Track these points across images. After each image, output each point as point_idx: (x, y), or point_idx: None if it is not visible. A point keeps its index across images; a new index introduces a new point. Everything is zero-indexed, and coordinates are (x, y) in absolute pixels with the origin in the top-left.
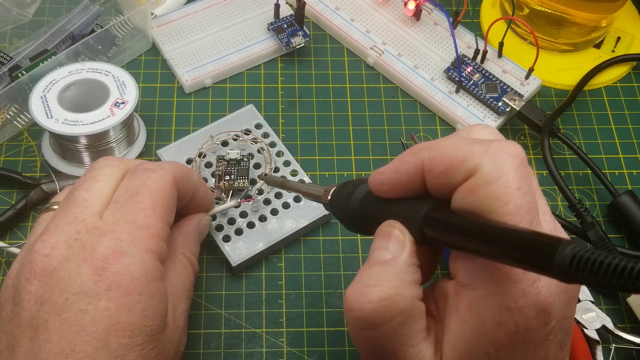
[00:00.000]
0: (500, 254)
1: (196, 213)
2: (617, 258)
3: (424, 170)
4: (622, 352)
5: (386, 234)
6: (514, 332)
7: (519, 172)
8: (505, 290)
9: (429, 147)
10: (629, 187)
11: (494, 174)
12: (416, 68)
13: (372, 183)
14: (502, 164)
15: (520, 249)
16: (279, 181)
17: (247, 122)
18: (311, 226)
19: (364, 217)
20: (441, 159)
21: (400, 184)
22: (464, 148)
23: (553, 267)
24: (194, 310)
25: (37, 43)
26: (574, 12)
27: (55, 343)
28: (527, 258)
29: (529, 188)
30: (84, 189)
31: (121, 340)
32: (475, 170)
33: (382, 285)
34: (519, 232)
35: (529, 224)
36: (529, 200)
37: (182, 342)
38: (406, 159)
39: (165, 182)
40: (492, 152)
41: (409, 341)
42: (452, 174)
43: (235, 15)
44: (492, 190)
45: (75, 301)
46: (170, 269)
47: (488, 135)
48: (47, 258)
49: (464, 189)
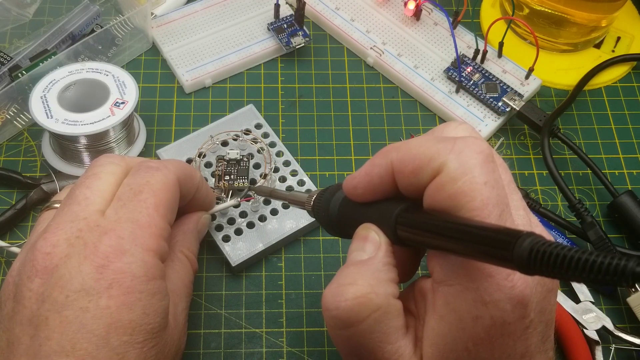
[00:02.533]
0: (467, 249)
1: (196, 212)
2: (572, 250)
3: (394, 172)
4: (622, 353)
5: (363, 236)
6: (491, 326)
7: (485, 167)
8: (480, 284)
9: (397, 148)
10: (629, 187)
11: (458, 170)
12: (416, 68)
13: (346, 188)
14: (466, 160)
15: (483, 243)
16: (267, 191)
17: (247, 122)
18: (311, 226)
19: (342, 222)
20: (409, 160)
21: (372, 186)
22: (431, 147)
23: (513, 260)
24: (193, 310)
25: (37, 43)
26: (574, 12)
27: (56, 341)
28: (490, 251)
29: (496, 182)
30: (85, 186)
31: (122, 338)
32: (441, 168)
33: (357, 284)
34: (483, 227)
35: (497, 217)
36: (497, 193)
37: (182, 340)
38: (376, 162)
39: (169, 181)
40: (457, 149)
41: (386, 338)
42: (420, 173)
43: (235, 15)
44: (458, 186)
45: (76, 299)
46: (170, 267)
47: (462, 132)
48: (49, 256)
49: (432, 187)
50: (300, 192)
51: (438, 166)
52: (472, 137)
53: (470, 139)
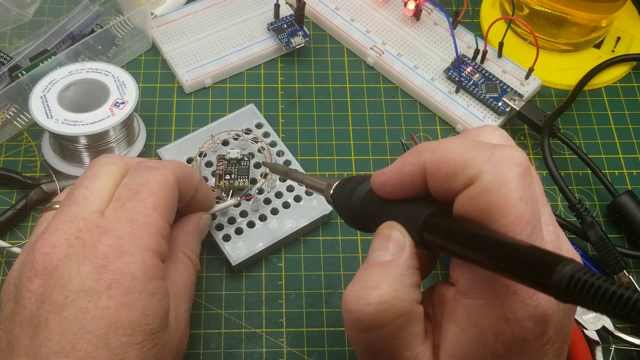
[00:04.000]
0: (498, 266)
1: (197, 212)
2: (615, 284)
3: (425, 173)
4: (622, 353)
5: (386, 235)
6: (512, 343)
7: (521, 182)
8: (504, 301)
9: (432, 149)
10: (629, 187)
11: (494, 183)
12: (416, 68)
13: (375, 183)
14: (503, 173)
15: (518, 264)
16: (283, 170)
17: (247, 121)
18: (311, 226)
19: (364, 215)
20: (443, 163)
21: (402, 185)
22: (467, 153)
23: (550, 286)
24: (194, 310)
25: (37, 43)
26: (574, 12)
27: (56, 341)
28: (524, 273)
29: (531, 197)
30: (84, 187)
31: (121, 339)
32: (476, 178)
33: (381, 288)
34: (519, 246)
35: (529, 235)
36: (531, 210)
37: (184, 341)
38: (408, 160)
39: (167, 181)
40: (494, 160)
41: (406, 344)
42: (453, 179)
43: (235, 15)
44: (493, 200)
45: (76, 299)
46: (172, 267)
47: (497, 139)
48: (48, 256)
49: (465, 196)
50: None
51: (473, 175)
52: (510, 146)
53: (508, 149)
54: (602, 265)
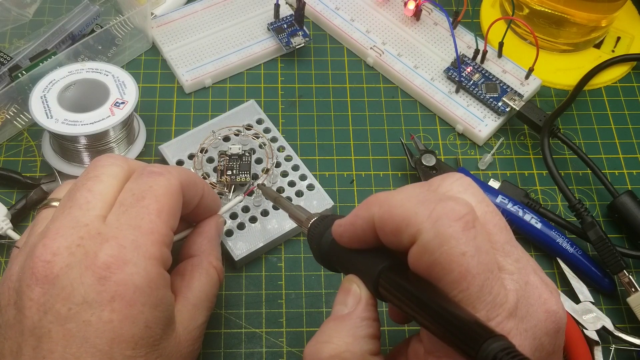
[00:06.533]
0: (437, 331)
1: (207, 216)
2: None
3: (375, 227)
4: (622, 353)
5: (346, 289)
6: None
7: (463, 236)
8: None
9: (380, 202)
10: (629, 187)
11: (434, 241)
12: (416, 68)
13: (334, 234)
14: (443, 230)
15: (452, 332)
16: (273, 196)
17: (248, 117)
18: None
19: (331, 259)
20: (388, 219)
21: (357, 237)
22: (410, 209)
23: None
24: None
25: (37, 43)
26: (574, 12)
27: (59, 354)
28: (457, 343)
29: (477, 250)
30: (86, 189)
31: (125, 352)
32: (417, 236)
33: (332, 343)
34: (454, 317)
35: (479, 288)
36: (477, 262)
37: (195, 353)
38: (360, 214)
39: (172, 187)
40: (434, 216)
41: None
42: (399, 235)
43: (235, 15)
44: (435, 258)
45: (79, 312)
46: (196, 278)
47: (457, 189)
48: (49, 264)
49: (411, 253)
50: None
51: (415, 233)
52: (453, 200)
53: (450, 204)
54: (602, 265)
